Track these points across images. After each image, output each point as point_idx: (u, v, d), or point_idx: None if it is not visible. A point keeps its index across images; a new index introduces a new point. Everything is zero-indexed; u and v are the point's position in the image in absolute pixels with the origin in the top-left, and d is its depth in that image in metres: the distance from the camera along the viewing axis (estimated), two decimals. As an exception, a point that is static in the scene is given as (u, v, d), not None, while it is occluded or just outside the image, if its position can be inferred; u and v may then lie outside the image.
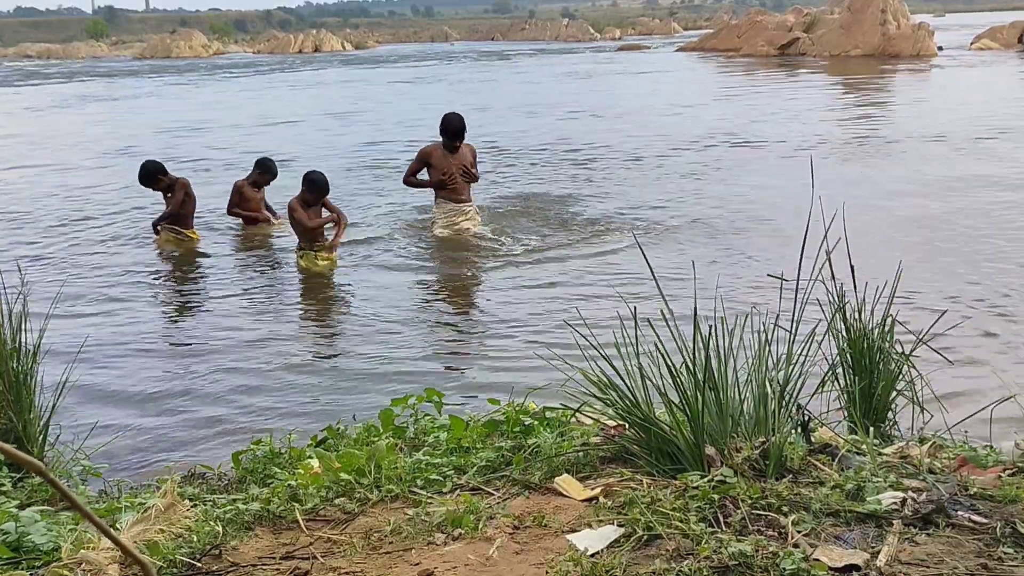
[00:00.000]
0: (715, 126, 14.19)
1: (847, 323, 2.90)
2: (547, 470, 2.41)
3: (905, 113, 15.87)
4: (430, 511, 2.20)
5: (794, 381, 2.50)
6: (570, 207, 8.71)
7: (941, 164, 10.26)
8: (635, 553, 1.89)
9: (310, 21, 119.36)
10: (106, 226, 8.59)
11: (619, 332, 2.53)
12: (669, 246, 7.13)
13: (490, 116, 16.92)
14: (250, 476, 2.87)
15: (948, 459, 2.38)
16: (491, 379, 4.64)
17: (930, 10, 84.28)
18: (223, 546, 2.12)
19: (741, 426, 2.38)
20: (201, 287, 6.58)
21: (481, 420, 2.93)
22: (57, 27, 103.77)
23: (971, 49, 32.91)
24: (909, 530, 1.88)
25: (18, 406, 3.18)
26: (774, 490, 2.05)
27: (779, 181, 9.54)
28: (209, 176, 10.99)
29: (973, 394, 3.95)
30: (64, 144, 15.08)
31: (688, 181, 9.90)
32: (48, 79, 36.07)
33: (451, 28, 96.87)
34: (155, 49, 60.31)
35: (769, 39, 34.57)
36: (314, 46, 62.22)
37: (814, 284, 2.66)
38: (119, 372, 4.96)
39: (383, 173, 10.93)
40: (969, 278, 5.99)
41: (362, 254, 7.28)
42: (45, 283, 6.40)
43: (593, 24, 77.81)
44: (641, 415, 2.37)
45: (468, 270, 6.85)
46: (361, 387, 4.64)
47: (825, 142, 12.26)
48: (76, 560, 1.99)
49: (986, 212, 7.83)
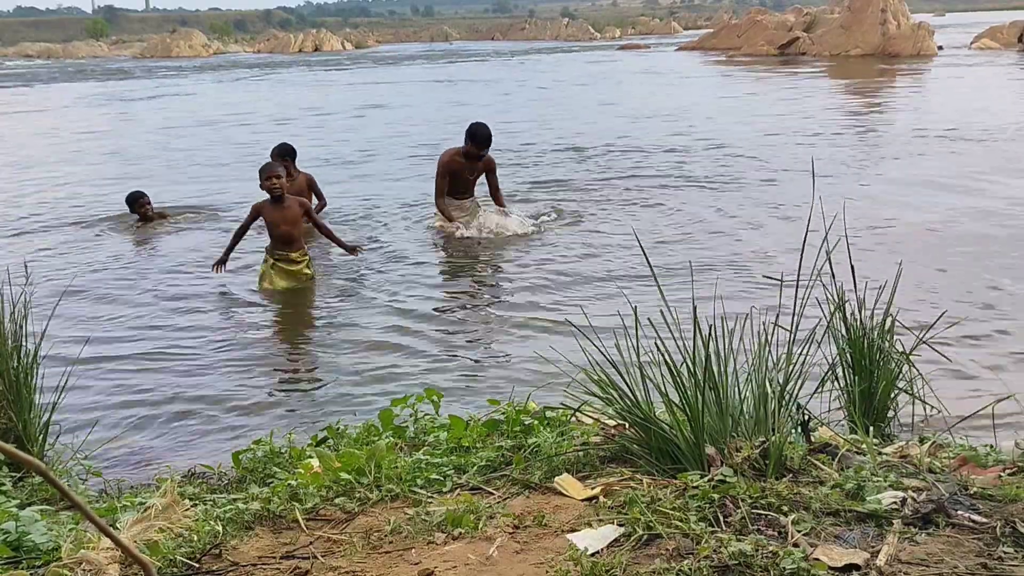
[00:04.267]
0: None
1: (847, 323, 2.91)
2: (547, 470, 2.41)
3: (941, 110, 15.51)
4: (430, 511, 2.20)
5: (794, 381, 2.50)
6: (582, 201, 8.72)
7: (954, 162, 10.27)
8: (635, 553, 1.89)
9: (310, 21, 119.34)
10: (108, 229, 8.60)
11: (619, 331, 2.53)
12: (674, 246, 7.14)
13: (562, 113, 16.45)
14: (250, 476, 2.87)
15: (948, 459, 2.38)
16: (491, 379, 4.64)
17: (930, 10, 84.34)
18: (223, 546, 2.12)
19: (741, 426, 2.38)
20: (203, 286, 6.58)
21: (481, 420, 2.93)
22: (57, 27, 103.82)
23: (971, 49, 32.93)
24: (909, 530, 1.88)
25: (18, 405, 3.18)
26: (774, 490, 2.05)
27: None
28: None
29: (973, 394, 3.95)
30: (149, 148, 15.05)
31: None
32: (94, 78, 36.04)
33: (451, 28, 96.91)
34: (155, 49, 60.33)
35: (769, 39, 34.58)
36: (314, 46, 62.23)
37: (814, 284, 2.66)
38: (120, 372, 4.96)
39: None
40: (969, 278, 5.99)
41: (366, 251, 7.28)
42: (49, 282, 6.41)
43: (593, 24, 77.89)
44: (641, 414, 2.37)
45: (468, 269, 6.84)
46: (361, 387, 4.64)
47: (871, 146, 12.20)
48: (76, 560, 1.99)
49: (990, 212, 7.84)
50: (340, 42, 65.33)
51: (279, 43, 64.55)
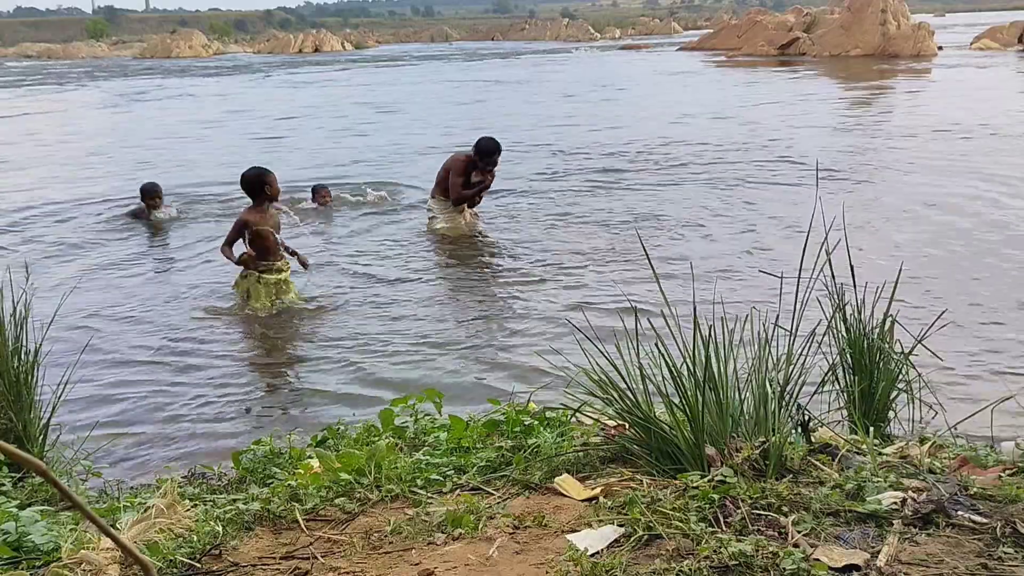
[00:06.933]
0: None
1: (847, 323, 2.90)
2: (547, 470, 2.41)
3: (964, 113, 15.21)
4: (430, 511, 2.20)
5: (794, 381, 2.50)
6: (577, 206, 8.72)
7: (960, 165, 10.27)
8: (635, 553, 1.89)
9: (310, 21, 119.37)
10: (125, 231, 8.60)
11: (620, 332, 2.53)
12: (673, 246, 7.14)
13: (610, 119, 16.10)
14: (250, 476, 2.86)
15: (948, 459, 2.38)
16: (491, 379, 4.64)
17: (930, 10, 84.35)
18: (223, 546, 2.12)
19: (741, 426, 2.38)
20: (204, 287, 6.58)
21: (481, 420, 2.93)
22: (57, 27, 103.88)
23: (971, 49, 32.92)
24: (909, 530, 1.88)
25: (18, 406, 3.17)
26: (774, 490, 2.05)
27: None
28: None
29: (973, 394, 3.96)
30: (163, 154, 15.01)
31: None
32: (122, 76, 35.97)
33: (451, 28, 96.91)
34: (155, 49, 60.31)
35: (769, 39, 34.58)
36: (314, 46, 62.20)
37: (814, 283, 2.66)
38: (120, 372, 4.96)
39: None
40: (969, 277, 5.99)
41: (362, 250, 7.29)
42: (50, 282, 6.41)
43: (593, 24, 77.88)
44: (641, 415, 2.37)
45: (468, 269, 6.85)
46: (361, 387, 4.64)
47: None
48: (76, 560, 1.99)
49: (990, 212, 7.84)
50: (340, 42, 65.29)
51: (279, 43, 64.54)
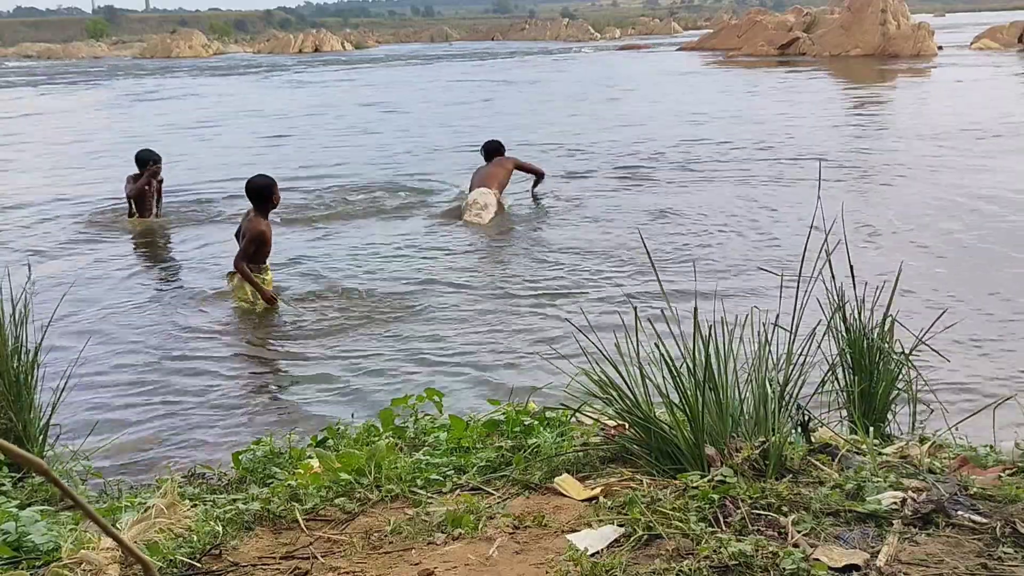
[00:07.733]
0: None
1: (847, 323, 2.90)
2: (547, 470, 2.41)
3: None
4: (430, 511, 2.20)
5: (794, 381, 2.50)
6: (578, 205, 8.72)
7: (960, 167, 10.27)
8: (635, 553, 1.89)
9: (310, 21, 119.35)
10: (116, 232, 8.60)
11: (620, 332, 2.53)
12: (672, 247, 7.14)
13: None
14: (250, 476, 2.86)
15: (948, 459, 2.38)
16: (491, 379, 4.64)
17: (930, 10, 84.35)
18: (223, 546, 2.12)
19: (741, 426, 2.38)
20: (205, 287, 6.58)
21: (481, 420, 2.93)
22: (57, 27, 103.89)
23: (971, 49, 32.91)
24: (909, 530, 1.88)
25: (18, 405, 3.17)
26: (774, 490, 2.05)
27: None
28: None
29: (973, 394, 3.96)
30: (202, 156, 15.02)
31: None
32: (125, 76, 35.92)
33: (451, 28, 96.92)
34: (155, 49, 60.36)
35: (769, 39, 34.57)
36: (314, 46, 62.23)
37: (814, 283, 2.66)
38: (120, 372, 4.96)
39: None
40: (969, 278, 5.99)
41: (363, 250, 7.29)
42: (50, 282, 6.41)
43: (593, 24, 77.91)
44: (641, 415, 2.37)
45: (469, 269, 6.85)
46: (361, 387, 4.64)
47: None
48: (76, 560, 1.99)
49: (991, 212, 7.84)
50: (340, 42, 65.30)
51: (279, 43, 64.57)
